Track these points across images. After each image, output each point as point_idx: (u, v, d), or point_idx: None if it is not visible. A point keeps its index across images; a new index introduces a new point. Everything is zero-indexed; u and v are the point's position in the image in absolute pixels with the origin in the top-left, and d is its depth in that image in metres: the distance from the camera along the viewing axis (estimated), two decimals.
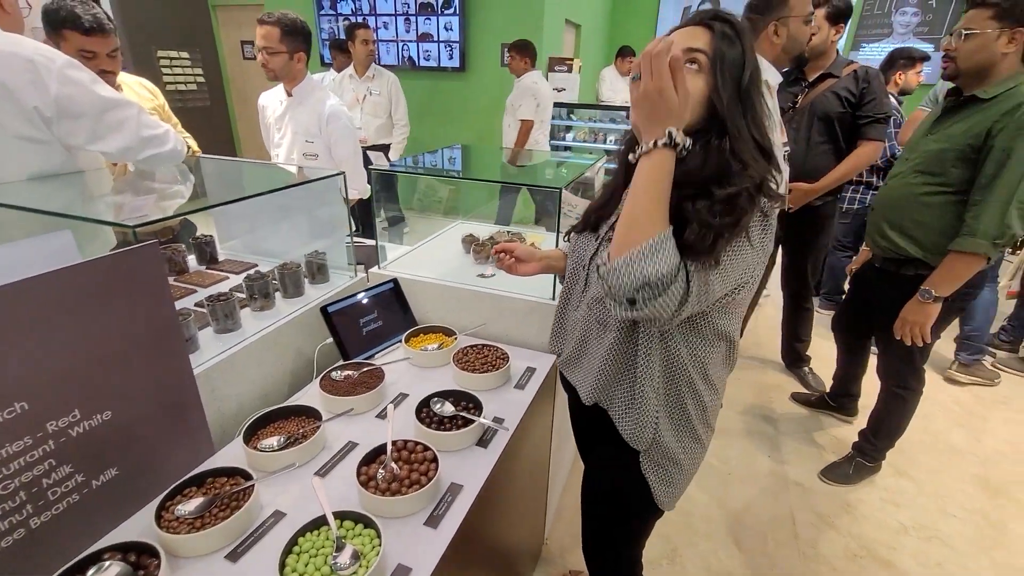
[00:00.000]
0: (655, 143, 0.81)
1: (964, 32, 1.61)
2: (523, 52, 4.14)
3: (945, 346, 3.11)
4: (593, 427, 1.13)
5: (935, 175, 1.72)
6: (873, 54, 6.43)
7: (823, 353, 3.03)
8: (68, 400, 0.84)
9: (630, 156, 0.86)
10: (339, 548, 0.86)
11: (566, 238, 1.14)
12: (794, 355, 3.06)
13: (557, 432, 1.81)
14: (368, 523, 0.93)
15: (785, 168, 1.95)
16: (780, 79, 1.98)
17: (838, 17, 2.30)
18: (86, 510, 0.89)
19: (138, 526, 0.94)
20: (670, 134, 0.80)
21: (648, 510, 1.12)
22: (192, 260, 1.80)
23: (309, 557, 0.86)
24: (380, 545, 0.88)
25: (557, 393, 1.70)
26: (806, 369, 3.04)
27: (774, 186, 0.87)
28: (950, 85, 1.79)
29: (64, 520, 0.86)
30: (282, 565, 0.84)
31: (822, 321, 3.65)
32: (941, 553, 1.97)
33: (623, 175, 1.02)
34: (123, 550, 0.85)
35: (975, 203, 1.63)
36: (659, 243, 0.79)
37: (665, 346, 0.98)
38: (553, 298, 1.57)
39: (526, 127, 4.15)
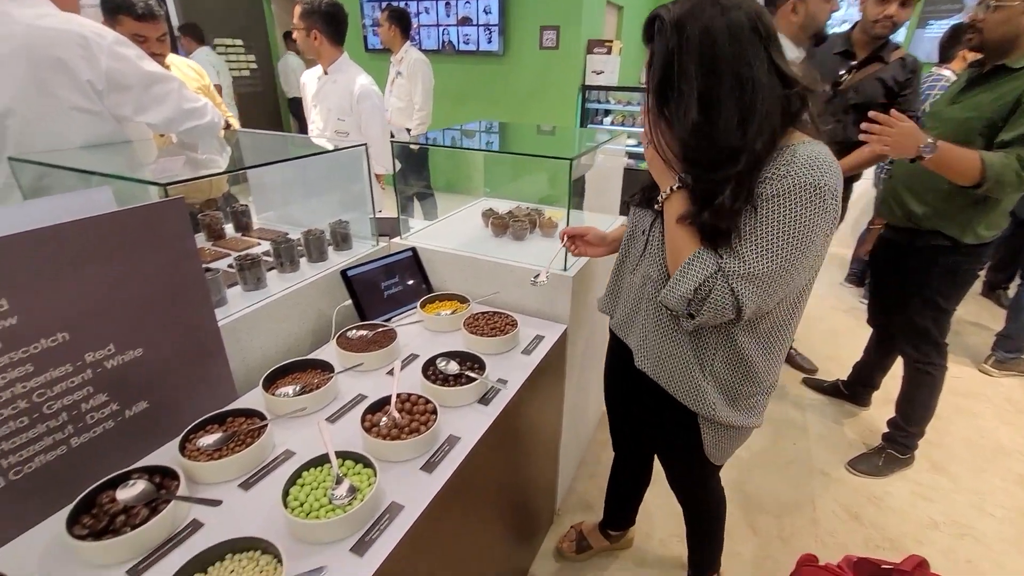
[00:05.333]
0: (670, 189, 0.97)
1: (993, 4, 1.59)
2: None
3: (984, 341, 2.94)
4: (649, 385, 1.16)
5: (960, 144, 1.64)
6: (940, 32, 5.98)
7: (845, 341, 2.91)
8: (104, 335, 0.94)
9: (655, 206, 1.04)
10: (338, 482, 0.93)
11: (629, 200, 1.20)
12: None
13: (571, 402, 1.84)
14: (367, 463, 0.99)
15: None
16: (799, 55, 1.89)
17: None
18: (119, 436, 0.99)
19: (163, 457, 1.04)
20: (675, 186, 0.97)
21: (701, 458, 1.20)
22: (229, 228, 1.92)
23: (311, 489, 0.93)
24: (375, 483, 0.94)
25: (570, 365, 1.72)
26: (792, 350, 2.93)
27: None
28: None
29: (100, 443, 0.96)
30: (285, 493, 0.92)
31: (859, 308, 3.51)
32: (974, 550, 1.88)
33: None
34: (149, 472, 0.95)
35: (1002, 144, 1.59)
36: (691, 261, 0.92)
37: (728, 331, 1.03)
38: (565, 269, 1.59)
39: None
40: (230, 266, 1.56)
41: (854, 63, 2.20)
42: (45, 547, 0.85)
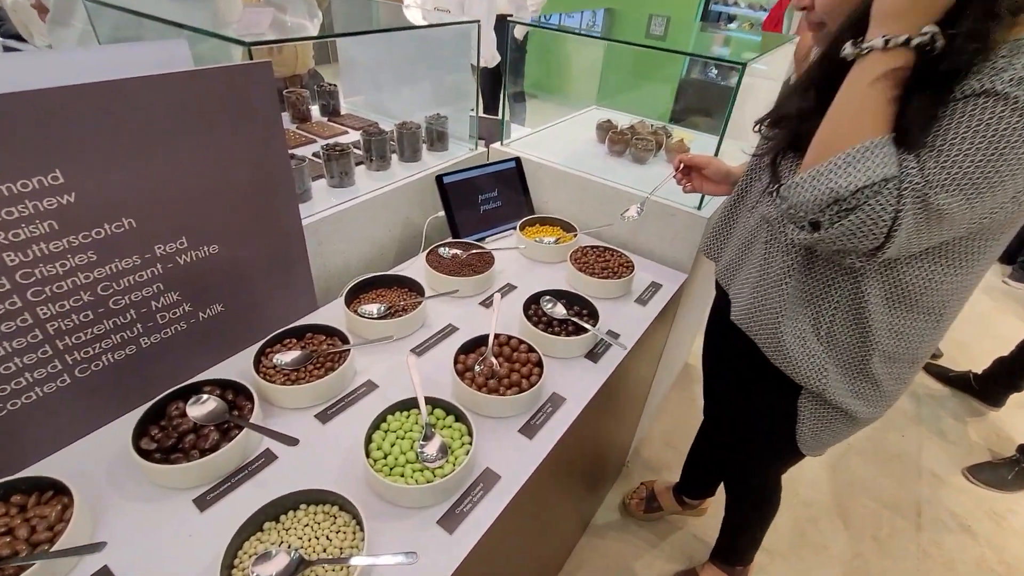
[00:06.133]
0: (907, 41, 0.58)
1: None
2: None
3: None
4: (744, 344, 0.93)
5: None
6: None
7: (983, 327, 2.48)
8: (175, 226, 0.79)
9: (845, 49, 0.63)
10: (427, 437, 0.78)
11: (757, 128, 0.88)
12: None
13: (666, 357, 1.63)
14: (460, 416, 0.84)
15: None
16: None
17: None
18: (192, 340, 0.88)
19: (238, 366, 0.93)
20: (932, 37, 0.58)
21: (788, 449, 0.96)
22: (315, 111, 1.73)
23: (396, 438, 0.80)
24: (471, 444, 0.79)
25: (677, 318, 1.49)
26: None
27: None
28: None
29: (172, 345, 0.85)
30: (368, 439, 0.78)
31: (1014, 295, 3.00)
32: None
33: (822, 72, 0.71)
34: (222, 386, 0.84)
35: None
36: (864, 151, 0.60)
37: (856, 287, 0.74)
38: (700, 208, 1.30)
39: None
40: (315, 155, 1.38)
41: None
42: (115, 453, 0.77)
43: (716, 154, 1.22)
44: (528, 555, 1.12)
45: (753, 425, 1.05)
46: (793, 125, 0.76)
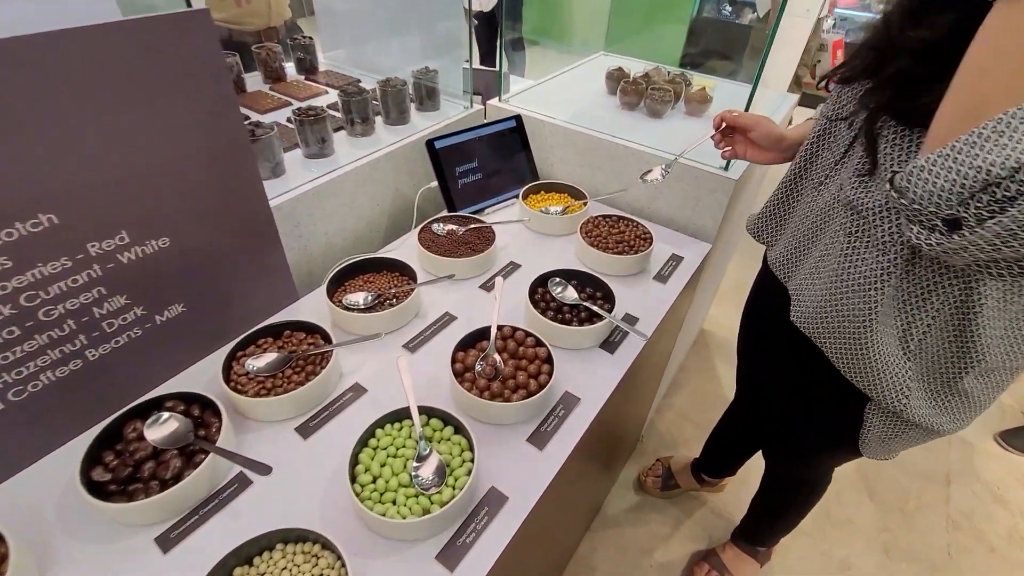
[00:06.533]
0: None
1: None
2: None
3: None
4: (804, 343, 0.79)
5: None
6: None
7: None
8: (111, 219, 0.67)
9: None
10: (421, 456, 0.68)
11: (820, 84, 0.72)
12: None
13: (684, 328, 1.52)
14: (459, 427, 0.73)
15: None
16: None
17: None
18: (150, 347, 0.77)
19: (208, 373, 0.82)
20: None
21: (849, 450, 0.84)
22: (290, 69, 1.55)
23: (387, 456, 0.69)
24: (472, 462, 0.68)
25: (698, 290, 1.36)
26: None
27: None
28: None
29: (125, 355, 0.74)
30: (354, 460, 0.68)
31: None
32: None
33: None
34: (187, 400, 0.74)
35: None
36: None
37: (967, 292, 0.59)
38: (727, 168, 1.15)
39: None
40: (289, 120, 1.22)
41: None
42: (64, 484, 0.67)
43: (748, 107, 1.05)
44: (539, 562, 1.05)
45: (808, 423, 0.93)
46: (898, 81, 0.58)
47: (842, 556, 1.52)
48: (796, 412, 0.95)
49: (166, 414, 0.70)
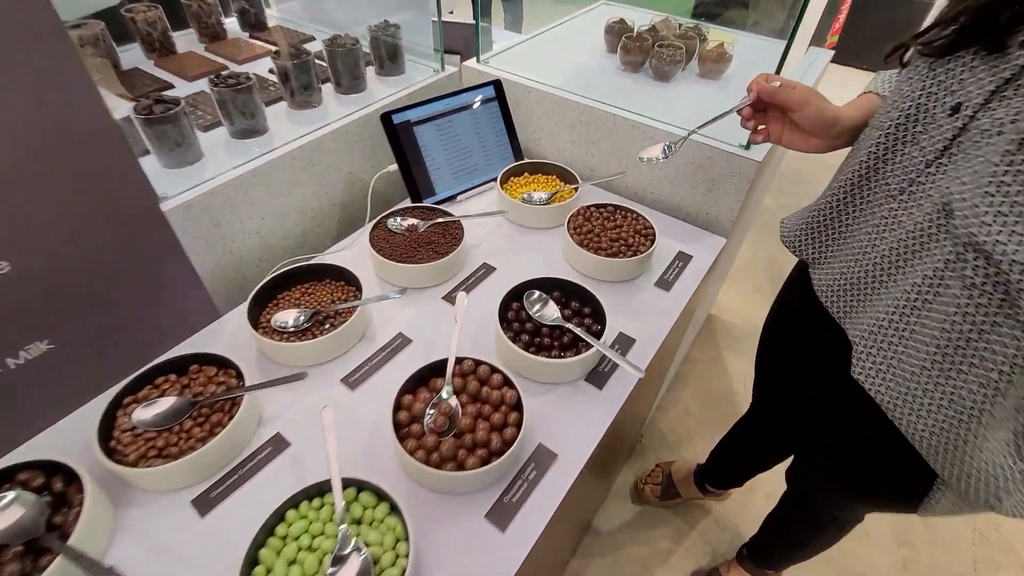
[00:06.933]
0: None
1: None
2: None
3: None
4: (871, 407, 0.61)
5: None
6: None
7: None
8: None
9: None
10: (340, 554, 0.51)
11: (890, 58, 0.51)
12: None
13: (688, 332, 1.34)
14: (395, 507, 0.56)
15: None
16: None
17: None
18: (2, 401, 0.60)
19: (83, 431, 0.64)
20: None
21: (903, 507, 0.69)
22: (233, 24, 1.32)
23: (299, 549, 0.53)
24: (407, 556, 0.52)
25: (704, 285, 1.18)
26: None
27: None
28: None
29: None
30: (251, 560, 0.52)
31: None
32: None
33: None
34: (48, 471, 0.57)
35: None
36: None
37: None
38: (747, 148, 0.94)
39: None
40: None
41: None
42: None
43: (779, 69, 0.83)
44: None
45: (858, 479, 0.76)
46: None
47: (858, 572, 1.39)
48: (840, 464, 0.78)
49: (10, 494, 0.53)
